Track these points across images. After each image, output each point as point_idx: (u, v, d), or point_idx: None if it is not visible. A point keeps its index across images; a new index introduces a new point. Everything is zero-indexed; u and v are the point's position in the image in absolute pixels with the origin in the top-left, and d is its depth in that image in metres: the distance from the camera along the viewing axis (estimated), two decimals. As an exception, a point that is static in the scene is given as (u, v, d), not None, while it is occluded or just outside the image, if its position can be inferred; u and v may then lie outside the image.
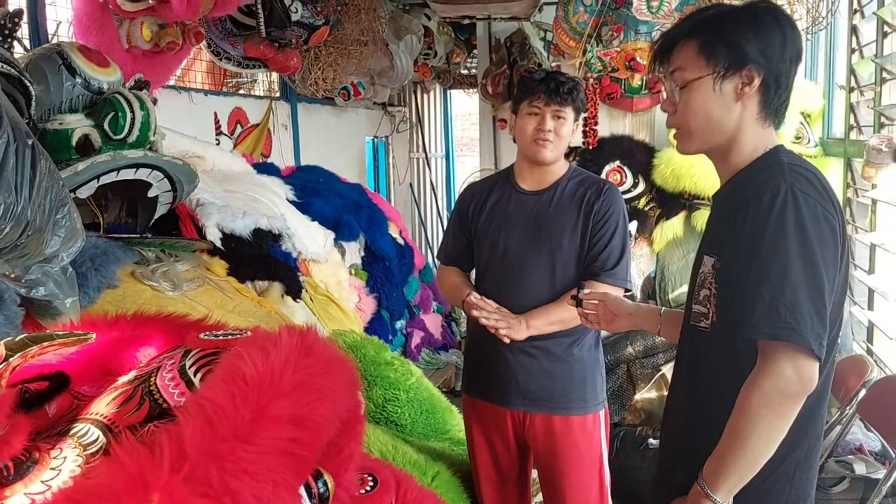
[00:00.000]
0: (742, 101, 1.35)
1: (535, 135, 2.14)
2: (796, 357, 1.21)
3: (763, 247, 1.24)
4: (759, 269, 1.24)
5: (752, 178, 1.34)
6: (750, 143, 1.38)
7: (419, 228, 7.95)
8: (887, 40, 2.97)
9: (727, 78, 1.34)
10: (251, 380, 1.03)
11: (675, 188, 4.01)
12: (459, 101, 9.48)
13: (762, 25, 1.34)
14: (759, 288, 1.23)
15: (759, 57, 1.33)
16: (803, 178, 1.29)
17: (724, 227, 1.36)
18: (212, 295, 2.39)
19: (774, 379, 1.21)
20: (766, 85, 1.35)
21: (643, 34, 3.90)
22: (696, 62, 1.35)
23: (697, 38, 1.36)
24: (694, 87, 1.36)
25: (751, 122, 1.37)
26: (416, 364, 4.32)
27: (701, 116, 1.37)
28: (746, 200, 1.29)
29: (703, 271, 1.38)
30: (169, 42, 3.19)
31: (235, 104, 4.53)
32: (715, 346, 1.37)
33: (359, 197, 4.27)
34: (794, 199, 1.24)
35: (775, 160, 1.34)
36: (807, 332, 1.19)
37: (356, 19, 4.75)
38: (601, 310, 1.78)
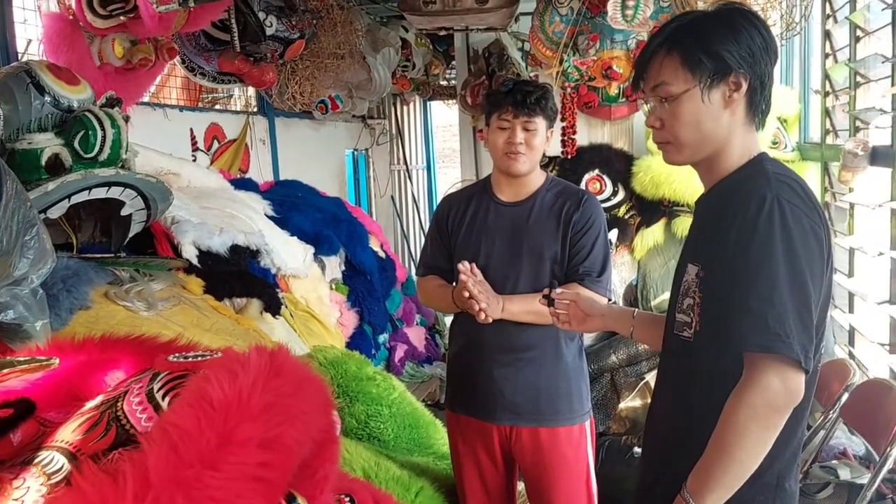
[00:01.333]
0: (730, 107, 1.34)
1: (506, 148, 2.12)
2: (784, 369, 1.19)
3: (750, 257, 1.23)
4: (746, 280, 1.23)
5: (736, 187, 1.33)
6: (737, 149, 1.37)
7: (401, 241, 7.92)
8: (860, 44, 3.00)
9: (714, 87, 1.33)
10: (218, 403, 1.00)
11: (654, 196, 4.02)
12: (439, 112, 9.49)
13: (739, 30, 1.33)
14: (746, 300, 1.22)
15: (743, 62, 1.32)
16: (788, 187, 1.28)
17: (707, 235, 1.35)
18: (188, 314, 2.35)
19: (762, 391, 1.20)
20: (753, 89, 1.34)
21: (619, 42, 3.92)
22: (681, 75, 1.34)
23: (679, 51, 1.34)
24: (682, 100, 1.34)
25: (739, 128, 1.36)
26: (400, 378, 4.29)
27: (692, 128, 1.35)
28: (731, 209, 1.28)
29: (687, 280, 1.37)
30: (141, 59, 3.16)
31: (212, 120, 4.50)
32: (698, 355, 1.36)
33: (338, 210, 4.24)
34: (781, 209, 1.23)
35: (760, 168, 1.33)
36: (795, 345, 1.18)
37: (332, 32, 4.73)
38: (573, 309, 1.76)
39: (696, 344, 1.36)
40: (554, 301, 1.78)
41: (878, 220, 2.78)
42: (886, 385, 2.31)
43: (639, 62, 1.42)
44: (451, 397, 2.34)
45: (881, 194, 2.69)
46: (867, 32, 2.91)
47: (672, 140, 1.39)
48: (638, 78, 1.43)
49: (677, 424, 1.42)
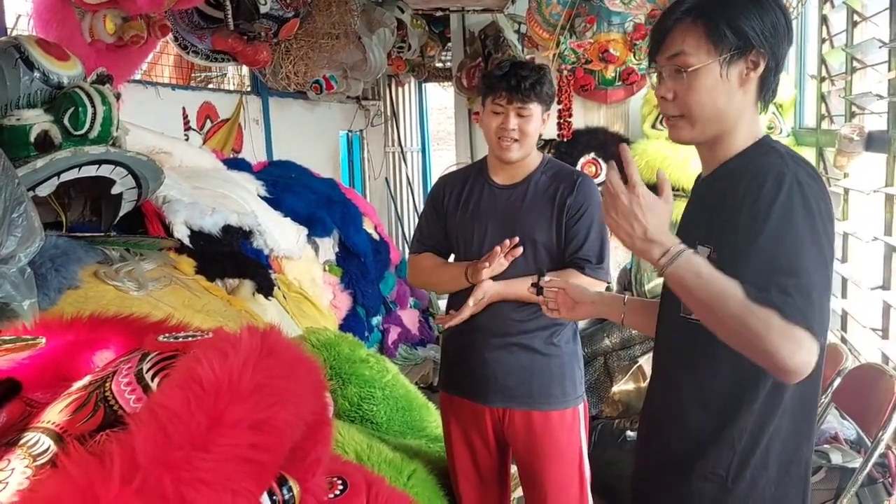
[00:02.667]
0: (745, 86, 1.31)
1: (499, 133, 2.09)
2: (810, 340, 1.13)
3: (767, 229, 1.18)
4: (768, 253, 1.17)
5: (745, 168, 1.29)
6: (744, 131, 1.34)
7: (395, 223, 7.90)
8: (857, 29, 2.98)
9: (733, 63, 1.29)
10: (208, 384, 0.98)
11: (650, 179, 3.93)
12: (434, 94, 9.44)
13: (766, 7, 1.29)
14: (770, 272, 1.16)
15: (765, 41, 1.28)
16: (804, 169, 1.26)
17: (717, 217, 1.30)
18: (179, 294, 2.34)
19: (797, 348, 1.13)
20: (768, 69, 1.31)
21: (616, 25, 3.89)
22: (703, 47, 1.29)
23: (704, 22, 1.29)
24: (700, 73, 1.29)
25: (749, 109, 1.33)
26: (393, 360, 4.29)
27: (707, 105, 1.31)
28: (743, 189, 1.24)
29: None
30: (133, 35, 3.11)
31: (204, 99, 4.45)
32: (710, 337, 1.33)
33: (332, 192, 4.21)
34: (801, 187, 1.20)
35: (770, 148, 1.31)
36: (814, 321, 1.14)
37: (327, 12, 4.68)
38: (562, 297, 1.74)
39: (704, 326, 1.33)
40: (542, 289, 1.76)
41: (873, 205, 2.78)
42: (878, 370, 2.32)
43: (658, 29, 1.37)
44: (445, 378, 2.34)
45: (876, 180, 2.68)
46: (864, 17, 2.89)
47: (685, 113, 1.33)
48: (656, 45, 1.37)
49: (697, 405, 1.39)
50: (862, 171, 2.88)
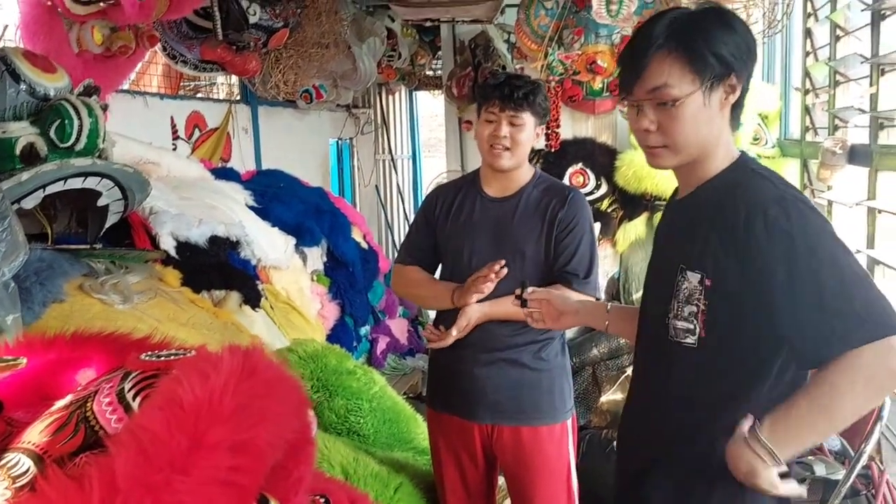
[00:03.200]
0: (724, 110, 1.32)
1: (491, 141, 2.09)
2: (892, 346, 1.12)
3: (803, 265, 1.17)
4: (813, 285, 1.16)
5: (728, 191, 1.29)
6: (722, 152, 1.34)
7: (385, 231, 7.90)
8: (840, 43, 3.01)
9: (714, 90, 1.28)
10: (188, 405, 0.99)
11: (637, 190, 4.02)
12: (425, 102, 9.45)
13: (736, 29, 1.29)
14: (823, 305, 1.15)
15: (739, 63, 1.28)
16: (792, 186, 1.28)
17: (707, 242, 1.29)
18: (164, 307, 2.33)
19: (891, 373, 1.13)
20: (742, 90, 1.32)
21: (603, 37, 3.91)
22: (687, 77, 1.27)
23: (685, 51, 1.27)
24: (685, 104, 1.28)
25: (726, 130, 1.34)
26: (382, 370, 4.29)
27: (691, 132, 1.30)
28: (745, 217, 1.23)
29: (688, 287, 1.32)
30: (121, 46, 3.12)
31: (193, 108, 4.45)
32: (703, 361, 1.34)
33: (321, 201, 4.21)
34: (806, 207, 1.21)
35: (749, 171, 1.31)
36: (879, 320, 1.13)
37: (317, 22, 4.69)
38: (546, 308, 1.74)
39: (700, 350, 1.33)
40: (526, 301, 1.77)
41: (856, 218, 2.80)
42: (861, 383, 2.33)
43: (632, 62, 1.33)
44: (433, 395, 2.32)
45: (859, 193, 2.70)
46: (847, 32, 2.93)
47: (669, 144, 1.32)
48: (632, 78, 1.32)
49: (673, 424, 1.40)
50: (845, 184, 2.90)
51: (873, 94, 2.55)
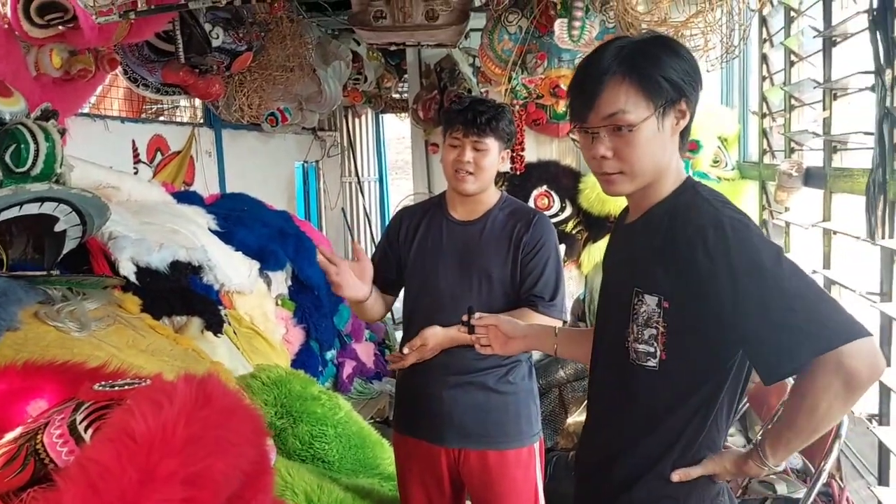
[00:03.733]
0: (675, 135, 1.34)
1: (455, 166, 2.09)
2: (851, 352, 1.14)
3: (744, 284, 1.19)
4: (759, 306, 1.18)
5: (675, 214, 1.31)
6: (671, 176, 1.36)
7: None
8: (794, 69, 3.09)
9: (666, 114, 1.30)
10: (140, 437, 0.97)
11: (600, 212, 4.07)
12: (392, 124, 9.48)
13: (681, 55, 1.31)
14: (770, 322, 1.18)
15: (688, 88, 1.31)
16: (730, 206, 1.30)
17: (661, 265, 1.31)
18: (123, 334, 2.28)
19: (849, 380, 1.16)
20: (690, 116, 1.34)
21: (566, 62, 3.96)
22: (641, 102, 1.28)
23: (637, 77, 1.28)
24: (640, 129, 1.29)
25: (676, 155, 1.36)
26: (349, 395, 4.25)
27: (646, 158, 1.31)
28: (688, 240, 1.25)
29: (646, 310, 1.33)
30: (80, 69, 3.08)
31: (155, 131, 4.41)
32: (664, 383, 1.35)
33: (285, 225, 4.18)
34: (742, 226, 1.23)
35: (693, 193, 1.34)
36: (846, 326, 1.15)
37: (281, 45, 4.69)
38: (493, 333, 1.75)
39: (662, 372, 1.34)
40: (473, 327, 1.76)
41: (812, 239, 2.86)
42: (820, 401, 2.37)
43: (587, 90, 1.33)
44: (399, 419, 2.30)
45: (815, 214, 2.76)
46: (801, 58, 3.01)
47: (626, 170, 1.33)
48: (586, 107, 1.32)
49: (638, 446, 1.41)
50: (802, 206, 2.96)
51: (826, 119, 2.61)
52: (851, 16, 2.36)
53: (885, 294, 2.14)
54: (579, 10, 3.72)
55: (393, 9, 4.06)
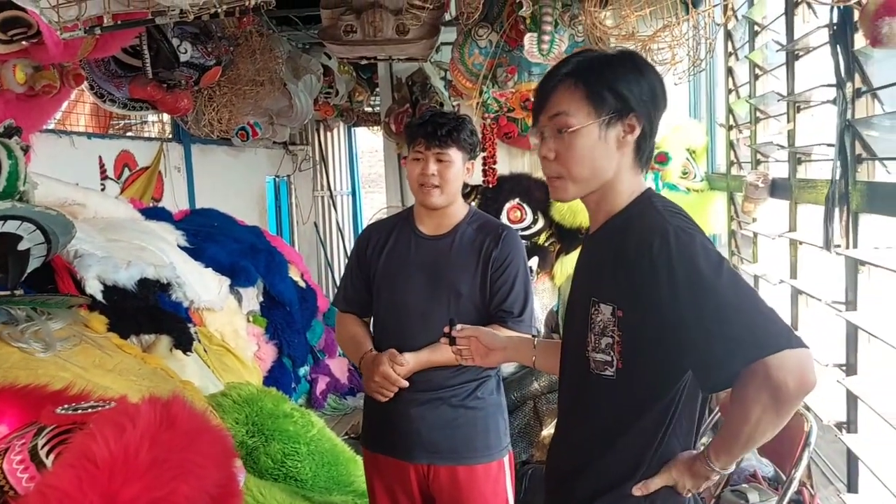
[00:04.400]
0: (622, 149, 1.36)
1: (420, 179, 2.10)
2: (777, 364, 1.15)
3: (683, 294, 1.21)
4: (696, 315, 1.21)
5: (629, 225, 1.35)
6: (625, 190, 1.38)
7: (325, 269, 7.82)
8: (759, 82, 3.14)
9: (611, 126, 1.33)
10: (102, 461, 0.95)
11: (572, 224, 4.09)
12: (365, 137, 9.47)
13: (644, 73, 1.35)
14: (705, 331, 1.20)
15: (641, 105, 1.33)
16: (680, 216, 1.32)
17: (614, 276, 1.34)
18: (89, 354, 2.24)
19: (775, 392, 1.17)
20: (644, 133, 1.36)
21: (536, 75, 3.98)
22: (584, 109, 1.33)
23: (584, 84, 1.33)
24: (580, 134, 1.33)
25: (626, 170, 1.38)
26: (322, 411, 4.22)
27: (585, 164, 1.35)
28: (634, 248, 1.29)
29: (602, 319, 1.35)
30: (45, 85, 3.03)
31: (122, 147, 4.36)
32: (622, 390, 1.36)
33: (256, 240, 4.15)
34: (686, 236, 1.25)
35: (648, 205, 1.36)
36: (775, 338, 1.16)
37: (251, 59, 4.67)
38: (474, 345, 1.76)
39: (619, 381, 1.36)
40: (455, 339, 1.77)
41: (779, 249, 2.90)
42: (790, 409, 2.39)
43: (541, 89, 1.41)
44: (367, 435, 2.28)
45: (781, 224, 2.80)
46: (765, 71, 3.06)
47: (565, 174, 1.37)
48: (539, 105, 1.40)
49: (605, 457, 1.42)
50: (769, 216, 3.00)
51: (790, 131, 2.66)
52: (813, 30, 2.41)
53: (850, 303, 2.18)
54: (548, 25, 3.75)
55: (363, 23, 4.08)
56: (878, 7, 1.32)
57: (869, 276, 2.11)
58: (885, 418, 1.89)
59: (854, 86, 2.07)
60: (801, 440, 2.26)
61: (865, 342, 2.15)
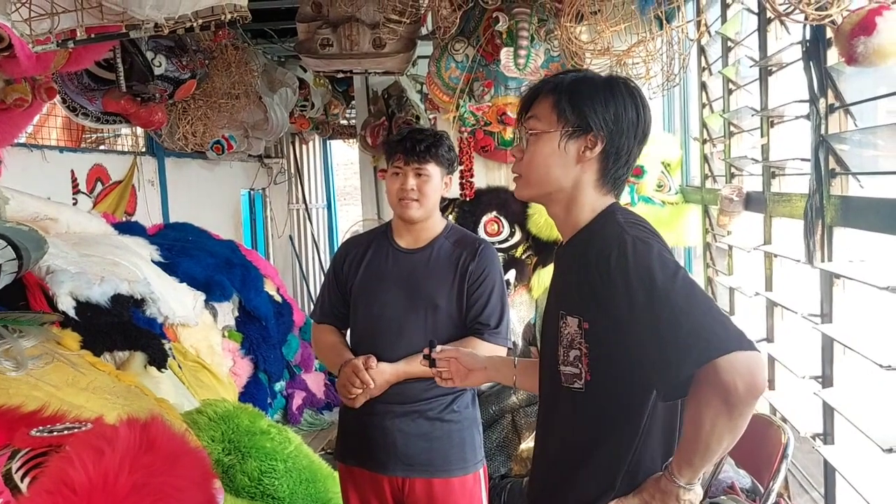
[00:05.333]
0: (582, 164, 1.40)
1: (400, 194, 2.14)
2: (732, 364, 1.16)
3: (638, 302, 1.23)
4: (650, 321, 1.22)
5: (592, 238, 1.38)
6: (588, 205, 1.42)
7: (300, 282, 7.76)
8: (732, 97, 3.18)
9: (573, 138, 1.38)
10: (80, 487, 0.92)
11: (549, 237, 4.11)
12: (340, 149, 9.44)
13: (615, 97, 1.39)
14: (659, 337, 1.21)
15: (605, 127, 1.37)
16: (639, 226, 1.35)
17: (580, 289, 1.36)
18: (62, 372, 2.20)
19: (726, 395, 1.18)
20: (607, 154, 1.39)
21: (513, 89, 4.01)
22: (549, 117, 1.40)
23: (554, 96, 1.41)
24: (542, 138, 1.40)
25: (589, 186, 1.41)
26: (299, 427, 4.18)
27: (541, 168, 1.42)
28: (594, 259, 1.32)
29: (570, 332, 1.37)
30: (17, 99, 2.97)
31: (95, 161, 4.30)
32: (592, 403, 1.38)
33: (232, 255, 4.11)
34: (643, 245, 1.28)
35: (611, 218, 1.39)
36: (725, 340, 1.17)
37: (226, 72, 4.64)
38: (454, 366, 1.77)
39: (588, 393, 1.37)
40: (434, 361, 1.78)
41: (755, 261, 2.93)
42: (767, 420, 2.41)
43: (525, 96, 1.50)
44: (343, 448, 2.29)
45: (756, 237, 2.83)
46: (738, 86, 3.10)
47: (523, 173, 1.45)
48: (521, 109, 1.49)
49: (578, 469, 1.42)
50: (744, 229, 3.04)
51: (764, 145, 2.69)
52: (786, 46, 2.45)
53: (825, 315, 2.20)
54: (524, 40, 3.79)
55: (340, 37, 4.07)
56: (853, 27, 1.35)
57: (844, 289, 2.14)
58: (861, 429, 1.90)
59: (827, 101, 2.10)
60: (778, 452, 2.28)
61: (841, 354, 2.18)
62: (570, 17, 3.09)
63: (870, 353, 1.84)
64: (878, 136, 2.00)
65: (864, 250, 2.08)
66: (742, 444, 2.51)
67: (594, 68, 3.05)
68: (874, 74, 1.96)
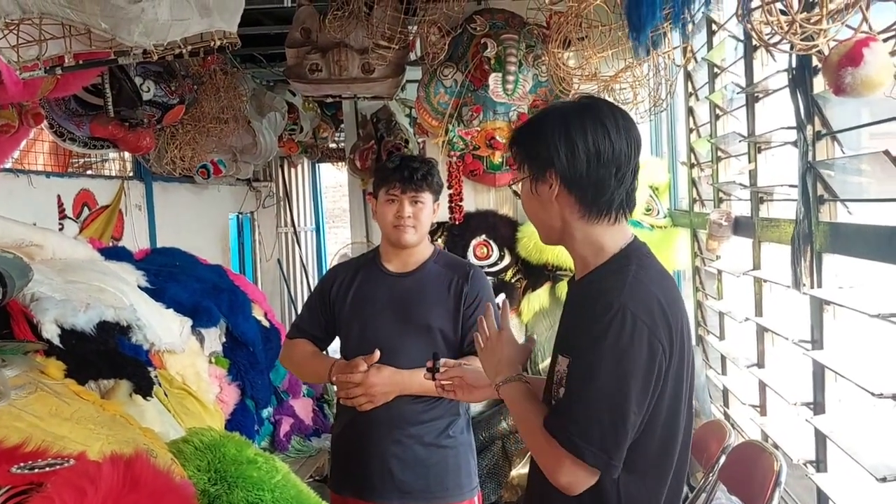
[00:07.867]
0: (557, 201, 1.39)
1: (396, 221, 2.17)
2: (575, 465, 1.29)
3: (583, 359, 1.30)
4: (577, 379, 1.31)
5: (598, 282, 1.38)
6: (586, 242, 1.41)
7: (289, 306, 7.72)
8: (719, 122, 3.21)
9: (536, 181, 1.41)
10: (61, 530, 0.89)
11: (538, 260, 4.12)
12: (329, 172, 9.45)
13: (570, 131, 1.35)
14: (570, 396, 1.32)
15: (556, 162, 1.36)
16: (641, 295, 1.32)
17: (574, 328, 1.39)
18: (45, 402, 2.15)
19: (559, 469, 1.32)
20: (570, 186, 1.37)
21: (501, 114, 4.04)
22: (519, 166, 1.46)
23: (513, 146, 1.48)
24: (523, 187, 1.46)
25: (575, 219, 1.40)
26: (286, 454, 4.12)
27: (531, 215, 1.48)
28: (590, 312, 1.33)
29: (559, 370, 1.38)
30: (3, 124, 2.98)
31: (82, 186, 4.27)
32: None
33: (219, 280, 4.07)
34: (623, 319, 1.28)
35: (624, 267, 1.37)
36: (587, 450, 1.28)
37: (215, 97, 4.64)
38: (459, 383, 1.77)
39: None
40: (436, 372, 1.78)
41: (743, 286, 2.93)
42: (758, 447, 2.40)
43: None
44: (337, 478, 2.27)
45: (745, 262, 2.84)
46: (725, 112, 3.13)
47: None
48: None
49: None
50: (732, 254, 3.05)
51: (752, 171, 2.71)
52: (772, 74, 2.47)
53: (815, 341, 2.20)
54: (513, 65, 3.82)
55: (329, 62, 4.09)
56: (840, 58, 1.36)
57: (834, 316, 2.14)
58: (853, 458, 1.90)
59: (814, 128, 2.12)
60: (771, 479, 2.27)
61: (832, 381, 2.18)
62: (558, 43, 3.11)
63: (861, 380, 1.84)
64: (865, 163, 2.01)
65: (854, 277, 2.09)
66: (735, 471, 2.52)
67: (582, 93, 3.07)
68: (858, 101, 1.98)
